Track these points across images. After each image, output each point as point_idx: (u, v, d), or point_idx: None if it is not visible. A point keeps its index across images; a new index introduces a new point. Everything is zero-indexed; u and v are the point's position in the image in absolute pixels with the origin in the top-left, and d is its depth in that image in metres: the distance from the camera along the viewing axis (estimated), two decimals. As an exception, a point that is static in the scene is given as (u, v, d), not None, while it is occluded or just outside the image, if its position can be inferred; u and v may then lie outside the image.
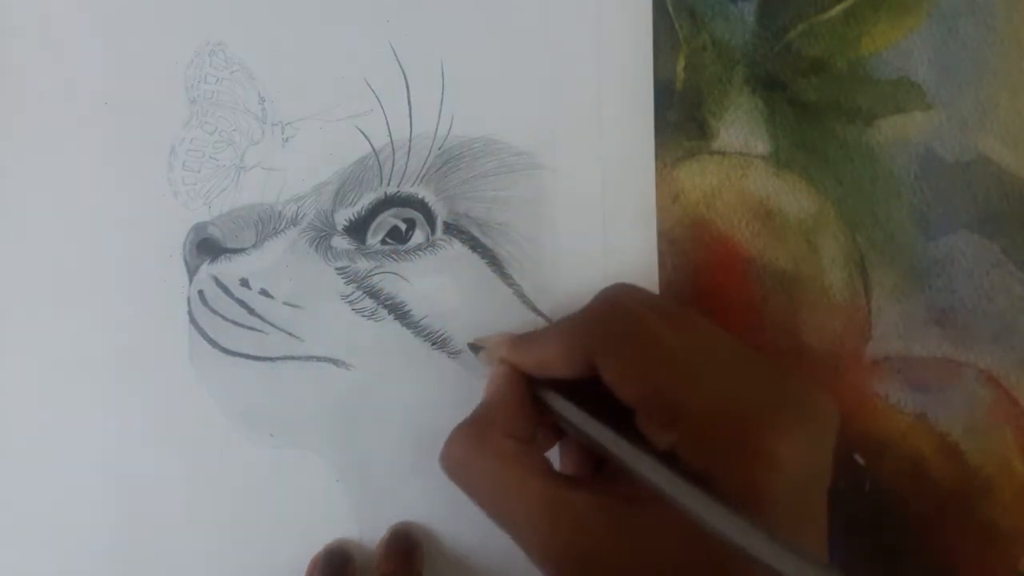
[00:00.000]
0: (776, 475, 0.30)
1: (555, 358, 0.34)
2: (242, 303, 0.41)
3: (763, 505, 0.29)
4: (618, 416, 0.33)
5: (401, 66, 0.41)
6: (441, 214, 0.41)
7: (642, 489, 0.30)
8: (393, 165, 0.41)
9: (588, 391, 0.34)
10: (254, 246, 0.41)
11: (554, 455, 0.36)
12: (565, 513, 0.31)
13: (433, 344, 0.40)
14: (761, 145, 0.41)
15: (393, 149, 0.41)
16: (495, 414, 0.34)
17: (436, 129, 0.41)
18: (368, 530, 0.40)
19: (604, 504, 0.31)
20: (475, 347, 0.39)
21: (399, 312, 0.40)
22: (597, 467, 0.36)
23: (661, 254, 0.41)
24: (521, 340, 0.36)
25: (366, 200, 0.41)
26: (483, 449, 0.33)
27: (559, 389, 0.35)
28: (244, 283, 0.41)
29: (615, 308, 0.34)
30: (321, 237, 0.41)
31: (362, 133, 0.41)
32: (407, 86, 0.41)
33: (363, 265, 0.41)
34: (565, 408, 0.34)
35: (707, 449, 0.30)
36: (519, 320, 0.40)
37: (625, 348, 0.32)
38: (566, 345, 0.34)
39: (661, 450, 0.31)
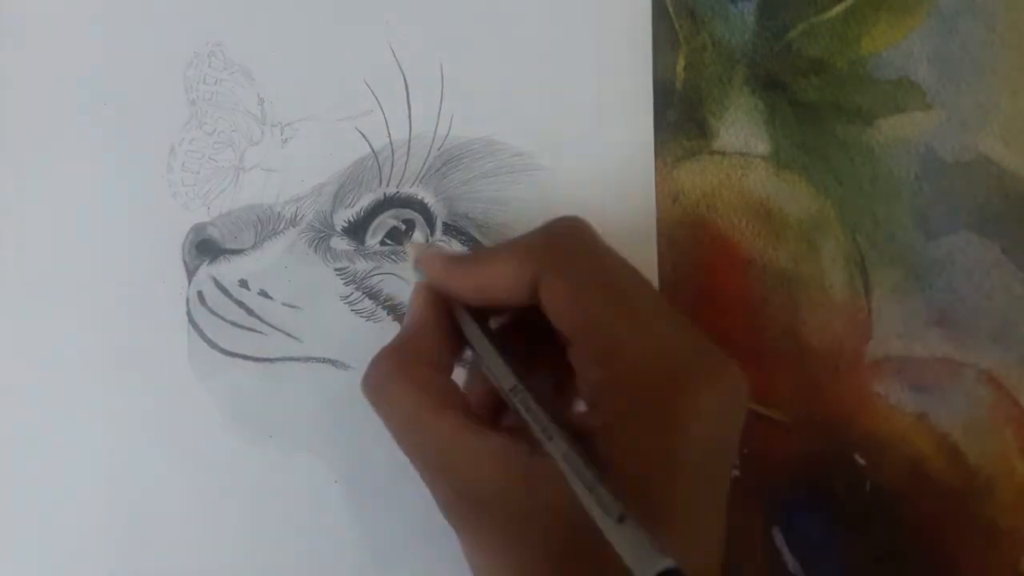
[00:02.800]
0: (686, 436, 0.29)
1: (499, 279, 0.33)
2: (241, 304, 0.40)
3: (670, 466, 0.29)
4: (535, 361, 0.32)
5: (400, 67, 0.41)
6: (440, 215, 0.41)
7: None
8: (392, 166, 0.41)
9: (517, 332, 0.33)
10: (253, 247, 0.41)
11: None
12: (472, 454, 0.31)
13: (433, 345, 0.40)
14: (761, 145, 0.41)
15: (392, 150, 0.41)
16: (417, 340, 0.34)
17: (435, 130, 0.41)
18: (368, 530, 0.40)
19: (509, 451, 0.30)
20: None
21: (398, 313, 0.40)
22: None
23: (661, 254, 0.40)
24: (459, 261, 0.34)
25: (365, 201, 0.41)
26: (402, 376, 0.32)
27: (482, 323, 0.34)
28: (243, 284, 0.41)
29: (566, 232, 0.33)
30: (320, 238, 0.41)
31: (361, 134, 0.41)
32: (406, 87, 0.41)
33: (362, 266, 0.40)
34: (477, 339, 0.33)
35: (629, 395, 0.30)
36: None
37: (572, 270, 0.32)
38: (512, 266, 0.32)
39: (590, 387, 0.31)
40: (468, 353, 0.35)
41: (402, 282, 0.40)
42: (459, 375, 0.36)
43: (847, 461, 0.40)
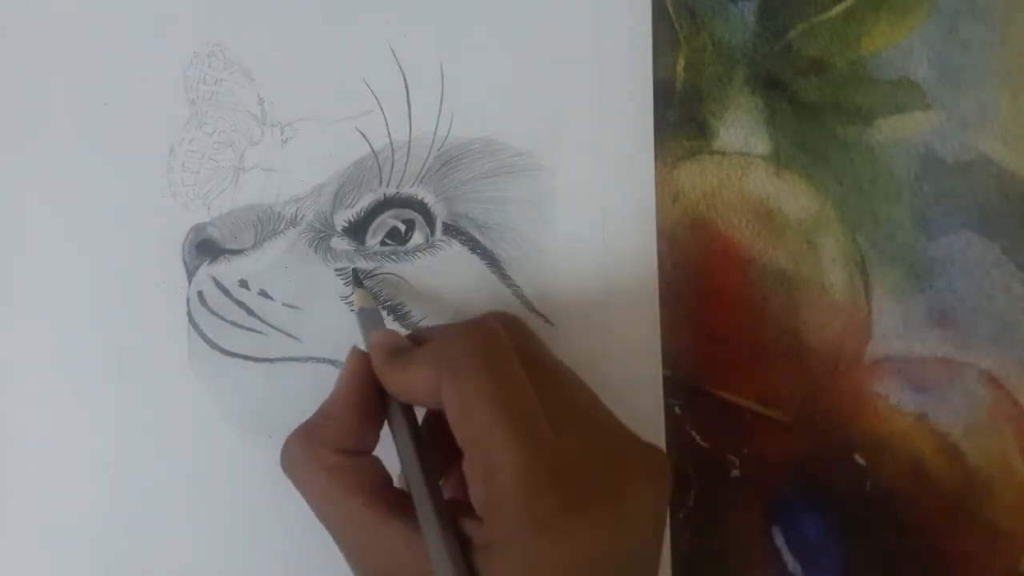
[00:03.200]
0: (565, 567, 0.29)
1: (415, 383, 0.32)
2: (241, 304, 0.40)
3: None
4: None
5: (400, 67, 0.41)
6: (440, 215, 0.41)
7: None
8: (392, 166, 0.41)
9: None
10: (253, 247, 0.41)
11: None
12: (376, 539, 0.31)
13: (433, 345, 0.40)
14: (761, 145, 0.41)
15: (392, 150, 0.41)
16: (331, 424, 0.34)
17: (435, 130, 0.41)
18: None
19: (407, 538, 0.31)
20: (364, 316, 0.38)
21: (398, 313, 0.40)
22: None
23: (661, 254, 0.40)
24: (391, 360, 0.34)
25: (365, 201, 0.41)
26: (310, 460, 0.33)
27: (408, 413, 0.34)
28: (243, 284, 0.41)
29: (475, 338, 0.33)
30: (320, 238, 0.41)
31: (361, 134, 0.41)
32: (406, 87, 0.41)
33: (362, 266, 0.40)
34: (397, 427, 0.34)
35: (508, 519, 0.30)
36: (519, 321, 0.40)
37: (467, 382, 0.31)
38: (422, 371, 0.32)
39: (477, 502, 0.31)
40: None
41: (402, 282, 0.40)
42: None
43: (847, 461, 0.40)
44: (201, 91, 0.42)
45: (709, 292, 0.41)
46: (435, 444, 0.34)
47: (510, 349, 0.33)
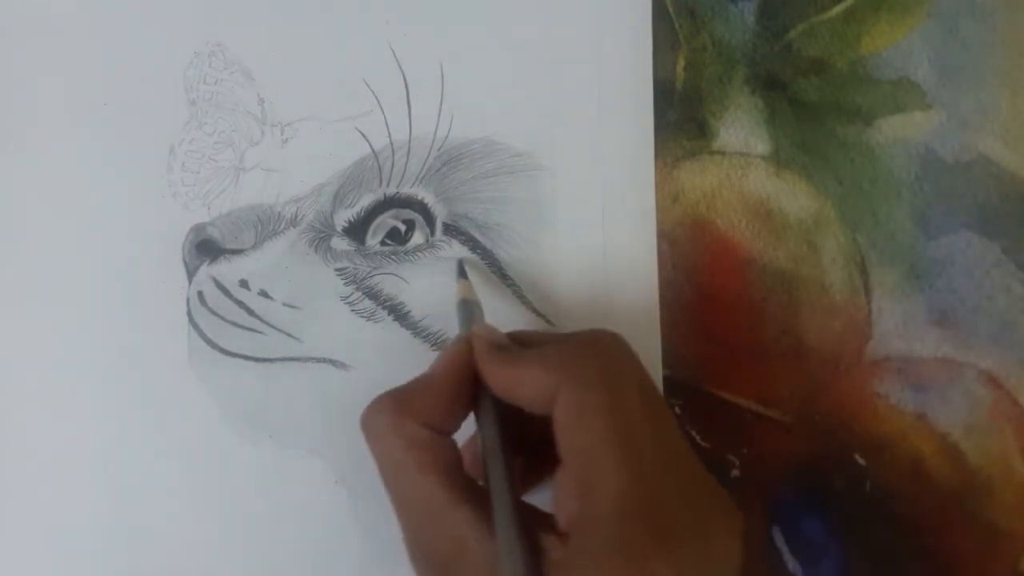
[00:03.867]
0: None
1: (524, 384, 0.32)
2: (241, 304, 0.40)
3: None
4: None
5: (400, 67, 0.41)
6: (440, 215, 0.41)
7: None
8: (392, 166, 0.41)
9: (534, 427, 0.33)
10: (253, 247, 0.41)
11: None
12: (442, 521, 0.31)
13: (432, 345, 0.40)
14: (761, 145, 0.41)
15: (393, 150, 0.41)
16: (421, 396, 0.33)
17: (436, 130, 0.41)
18: (368, 530, 0.40)
19: (470, 529, 0.31)
20: (464, 300, 0.38)
21: (398, 313, 0.40)
22: None
23: (661, 255, 0.40)
24: (497, 355, 0.34)
25: (365, 201, 0.41)
26: (394, 427, 0.32)
27: (507, 414, 0.34)
28: (243, 284, 0.41)
29: (596, 348, 0.33)
30: (320, 238, 0.41)
31: (361, 134, 0.41)
32: (406, 87, 0.41)
33: (362, 266, 0.40)
34: (488, 435, 0.33)
35: (595, 544, 0.29)
36: (517, 321, 0.40)
37: (587, 392, 0.31)
38: (535, 373, 0.32)
39: (564, 516, 0.30)
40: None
41: (402, 282, 0.40)
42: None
43: (847, 461, 0.40)
44: (201, 91, 0.42)
45: (709, 292, 0.41)
46: (516, 448, 0.33)
47: (637, 366, 0.33)
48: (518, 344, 0.35)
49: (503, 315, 0.40)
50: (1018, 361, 0.40)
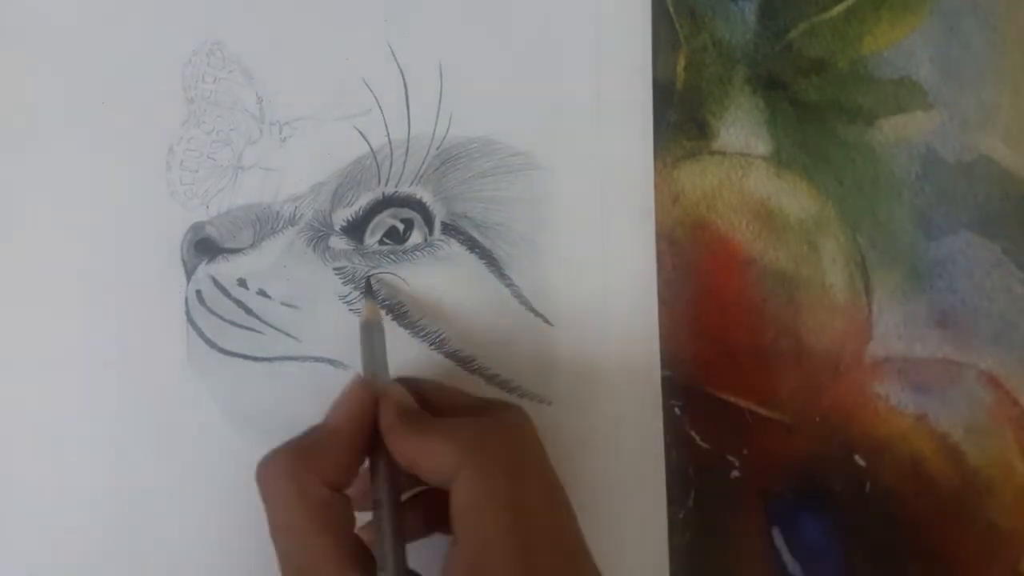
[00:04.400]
0: None
1: (427, 459, 0.32)
2: (240, 303, 0.40)
3: None
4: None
5: (399, 66, 0.41)
6: (439, 214, 0.41)
7: None
8: (391, 165, 0.41)
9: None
10: (252, 246, 0.41)
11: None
12: None
13: (431, 344, 0.40)
14: (762, 145, 0.41)
15: (391, 149, 0.41)
16: (325, 453, 0.33)
17: (434, 129, 0.41)
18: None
19: None
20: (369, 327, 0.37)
21: (397, 312, 0.40)
22: None
23: (661, 255, 0.40)
24: (408, 422, 0.33)
25: (364, 200, 0.41)
26: (295, 483, 0.32)
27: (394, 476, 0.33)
28: (242, 283, 0.40)
29: (500, 432, 0.33)
30: (319, 237, 0.41)
31: (360, 133, 0.41)
32: (405, 86, 0.41)
33: (361, 265, 0.40)
34: (381, 496, 0.33)
35: None
36: (517, 321, 0.40)
37: (485, 480, 0.31)
38: (442, 449, 0.32)
39: None
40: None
41: (402, 282, 0.40)
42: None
43: (847, 461, 0.40)
44: (200, 89, 0.42)
45: (709, 293, 0.40)
46: (408, 505, 0.34)
47: (540, 453, 0.33)
48: (427, 406, 0.34)
49: (501, 315, 0.40)
50: (1018, 362, 0.40)
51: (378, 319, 0.37)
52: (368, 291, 0.39)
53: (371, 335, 0.37)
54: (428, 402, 0.35)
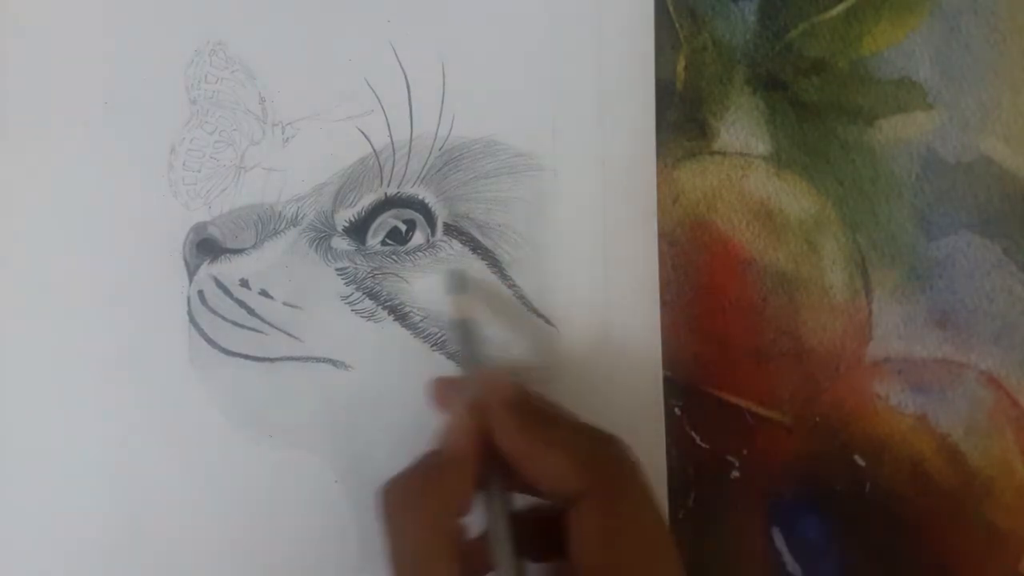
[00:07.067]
0: None
1: (547, 471, 0.31)
2: (242, 303, 0.41)
3: None
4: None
5: (402, 66, 0.41)
6: (441, 215, 0.41)
7: None
8: (393, 166, 0.41)
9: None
10: (254, 246, 0.41)
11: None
12: None
13: (432, 345, 0.40)
14: (762, 145, 0.41)
15: (394, 150, 0.41)
16: (449, 476, 0.32)
17: (437, 130, 0.41)
18: (368, 530, 0.40)
19: None
20: (460, 326, 0.36)
21: (399, 313, 0.40)
22: None
23: (661, 255, 0.40)
24: (530, 423, 0.32)
25: (366, 201, 0.41)
26: (420, 510, 0.31)
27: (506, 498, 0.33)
28: (244, 283, 0.41)
29: (615, 464, 0.32)
30: (321, 238, 0.41)
31: (362, 133, 0.41)
32: (408, 86, 0.41)
33: (363, 266, 0.40)
34: (499, 524, 0.32)
35: None
36: (518, 321, 0.40)
37: (609, 511, 0.31)
38: (566, 473, 0.31)
39: None
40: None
41: (403, 282, 0.40)
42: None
43: (847, 461, 0.40)
44: (202, 90, 0.42)
45: (709, 293, 0.40)
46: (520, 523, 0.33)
47: (649, 483, 0.32)
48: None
49: (503, 316, 0.40)
50: (1019, 362, 0.40)
51: (471, 314, 0.36)
52: (456, 286, 0.38)
53: (467, 331, 0.36)
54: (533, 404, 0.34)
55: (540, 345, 0.40)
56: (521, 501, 0.34)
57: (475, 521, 0.33)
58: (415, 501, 0.31)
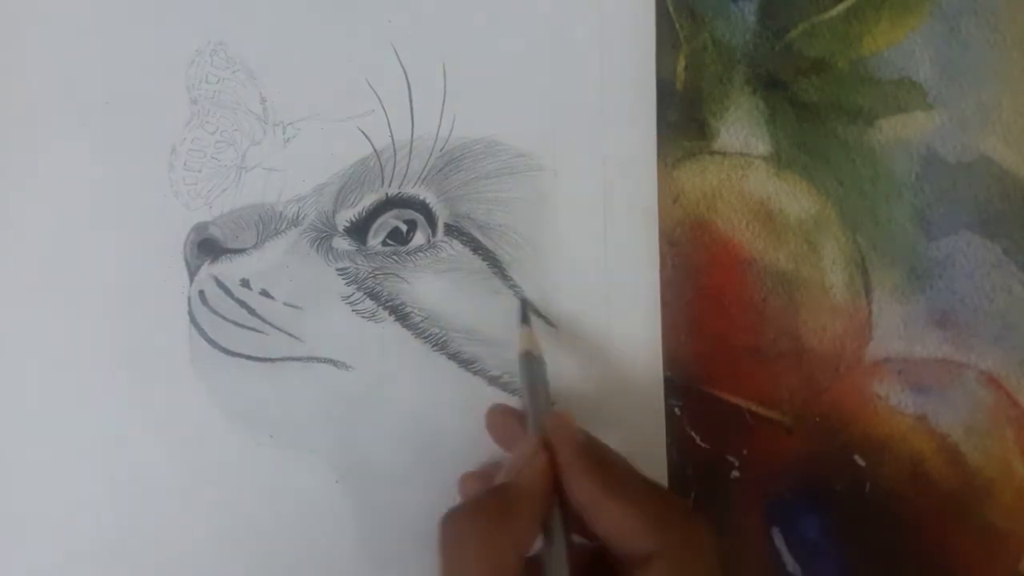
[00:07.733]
0: None
1: (616, 524, 0.31)
2: (243, 304, 0.41)
3: None
4: None
5: (403, 66, 0.41)
6: (442, 216, 0.41)
7: None
8: (394, 166, 0.41)
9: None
10: (255, 247, 0.41)
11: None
12: None
13: (433, 346, 0.40)
14: (762, 145, 0.41)
15: (395, 150, 0.41)
16: (517, 516, 0.31)
17: (438, 130, 0.41)
18: (368, 530, 0.40)
19: None
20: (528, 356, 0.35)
21: (399, 314, 0.40)
22: None
23: (662, 255, 0.40)
24: (600, 470, 0.31)
25: (367, 201, 0.41)
26: (485, 545, 0.30)
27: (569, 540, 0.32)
28: (245, 284, 0.41)
29: (693, 535, 0.31)
30: (322, 238, 0.41)
31: (363, 134, 0.41)
32: (409, 87, 0.41)
33: (364, 266, 0.41)
34: (556, 555, 0.31)
35: None
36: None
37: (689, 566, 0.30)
38: (636, 529, 0.30)
39: None
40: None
41: (403, 283, 0.40)
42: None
43: (847, 461, 0.40)
44: (203, 90, 0.42)
45: (710, 293, 0.41)
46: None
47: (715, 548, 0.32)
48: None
49: (504, 317, 0.40)
50: (1019, 362, 0.40)
51: (537, 349, 0.35)
52: (523, 317, 0.38)
53: (531, 367, 0.35)
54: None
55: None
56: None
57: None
58: (480, 536, 0.30)
